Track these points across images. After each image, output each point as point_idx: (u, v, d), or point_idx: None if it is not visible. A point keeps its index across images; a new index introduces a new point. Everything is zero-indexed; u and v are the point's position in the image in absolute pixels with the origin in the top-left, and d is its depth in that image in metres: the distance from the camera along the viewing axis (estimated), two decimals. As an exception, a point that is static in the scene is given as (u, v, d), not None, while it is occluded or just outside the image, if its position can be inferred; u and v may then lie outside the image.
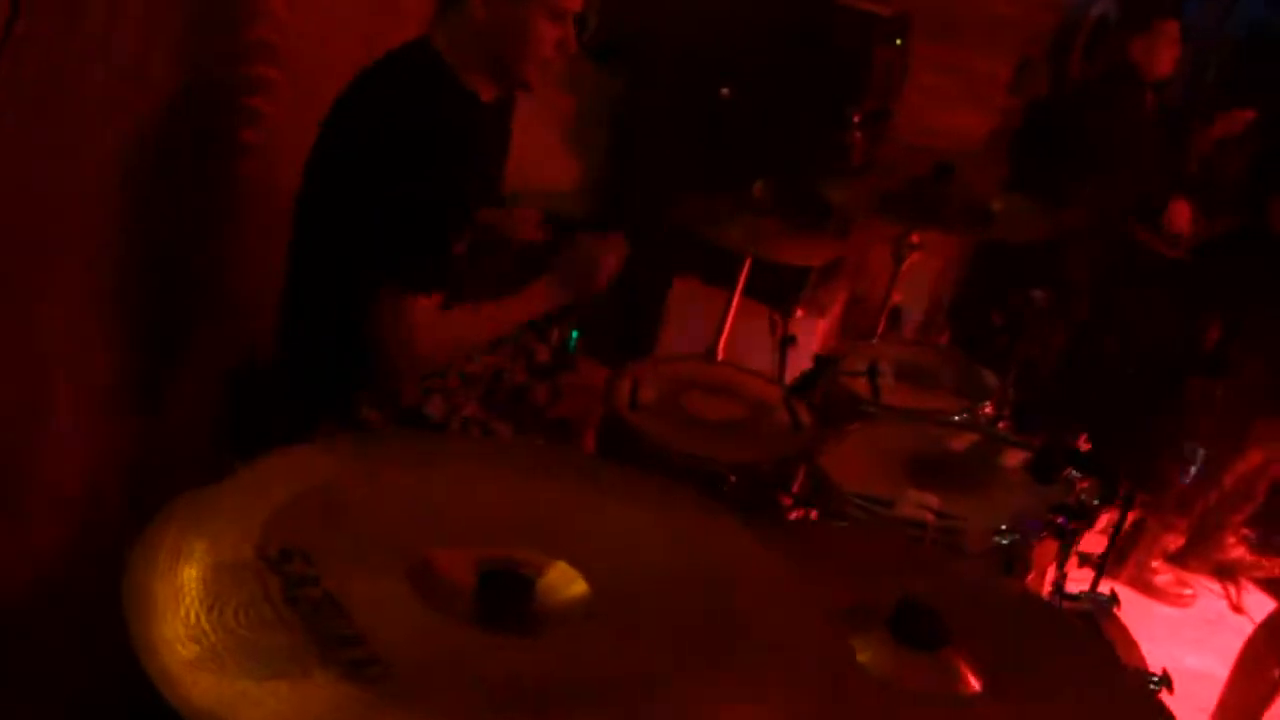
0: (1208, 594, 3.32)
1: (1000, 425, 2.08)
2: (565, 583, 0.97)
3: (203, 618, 0.83)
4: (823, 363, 2.30)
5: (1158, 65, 3.60)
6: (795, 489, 2.07)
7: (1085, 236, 3.40)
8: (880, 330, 2.58)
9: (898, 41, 3.60)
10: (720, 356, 2.67)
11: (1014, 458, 1.85)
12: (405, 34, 1.99)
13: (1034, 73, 3.84)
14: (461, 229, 1.88)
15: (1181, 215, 3.67)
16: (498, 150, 2.44)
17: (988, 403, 2.09)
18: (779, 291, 2.96)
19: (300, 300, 1.96)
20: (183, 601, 0.84)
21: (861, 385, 2.15)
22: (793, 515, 2.17)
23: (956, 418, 2.03)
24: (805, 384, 2.31)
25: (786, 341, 2.64)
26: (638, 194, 3.63)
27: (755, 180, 2.61)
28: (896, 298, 2.58)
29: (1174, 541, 3.32)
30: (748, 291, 2.70)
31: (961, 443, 1.90)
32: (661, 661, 0.91)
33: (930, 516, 1.64)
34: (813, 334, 3.19)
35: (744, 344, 2.75)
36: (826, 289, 3.54)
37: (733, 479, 1.87)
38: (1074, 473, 1.74)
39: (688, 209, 2.61)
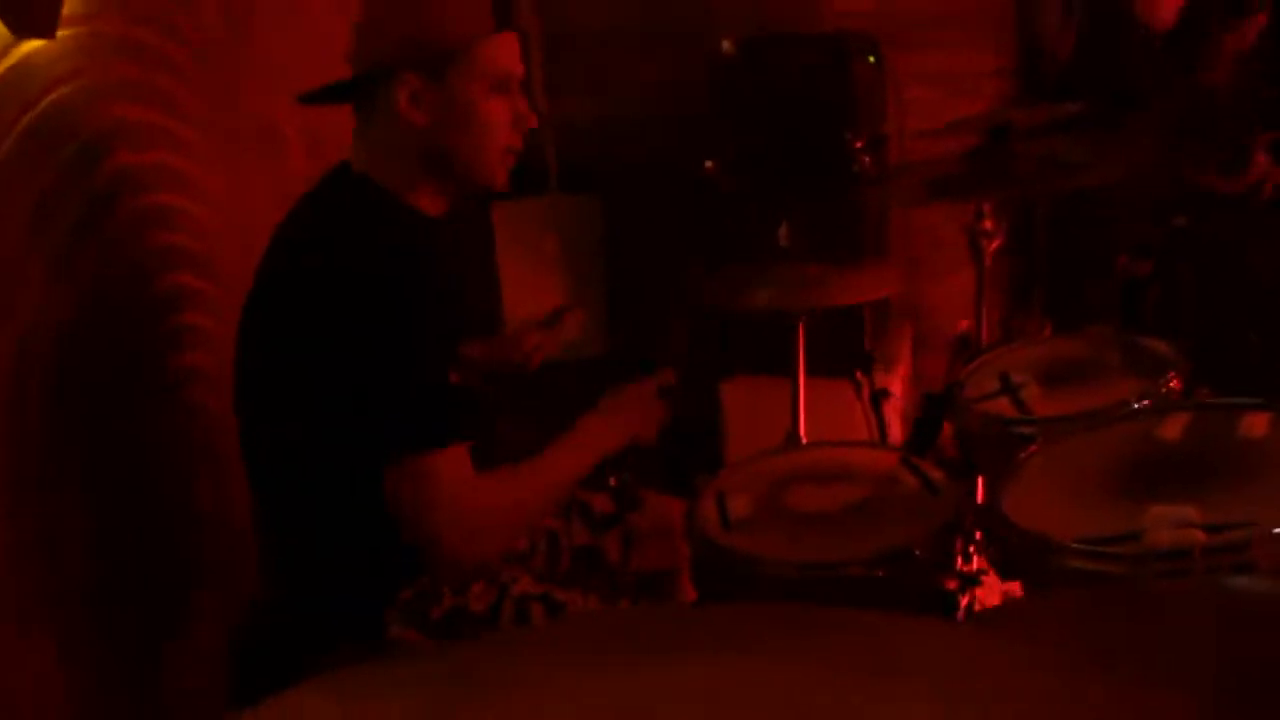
0: None
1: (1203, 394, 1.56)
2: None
3: None
4: (936, 401, 1.82)
5: (1161, 14, 3.31)
6: (966, 563, 1.59)
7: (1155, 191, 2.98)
8: (984, 340, 2.08)
9: (871, 59, 3.27)
10: (804, 439, 2.19)
11: (1257, 425, 1.34)
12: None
13: None
14: (450, 362, 1.47)
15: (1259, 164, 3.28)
16: (473, 266, 2.08)
17: (1170, 375, 1.58)
18: (842, 352, 2.54)
19: (286, 519, 1.52)
20: None
21: (1002, 406, 1.65)
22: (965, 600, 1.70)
23: (1141, 404, 1.52)
24: (924, 434, 1.83)
25: (879, 397, 2.16)
26: (648, 309, 3.33)
27: (776, 228, 2.21)
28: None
29: None
30: (808, 372, 2.26)
31: (1174, 430, 1.39)
32: None
33: (1199, 534, 1.13)
34: (896, 385, 2.71)
35: (826, 423, 2.27)
36: (886, 334, 3.08)
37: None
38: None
39: (715, 285, 2.21)
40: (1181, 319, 2.34)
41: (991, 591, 1.65)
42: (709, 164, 3.05)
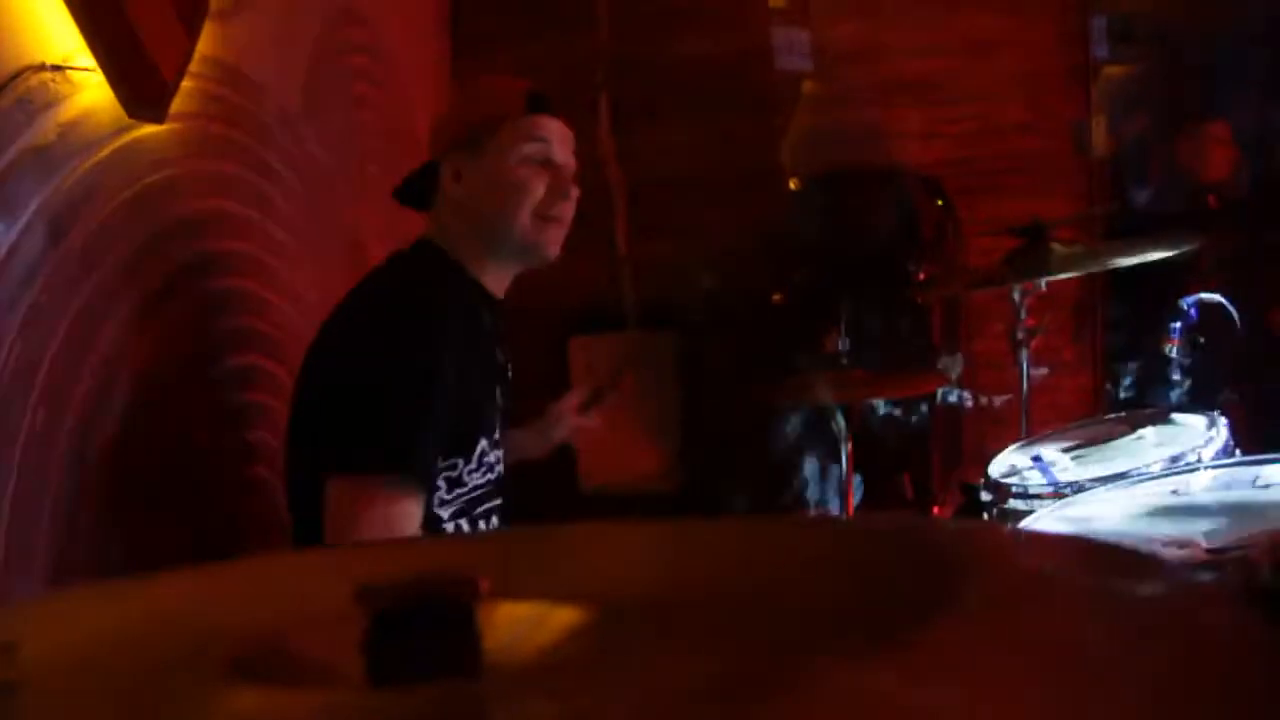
0: None
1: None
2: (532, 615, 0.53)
3: None
4: (971, 487, 1.82)
5: (1211, 169, 3.40)
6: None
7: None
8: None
9: (939, 202, 3.39)
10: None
11: (1276, 474, 1.32)
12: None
13: (1088, 133, 3.59)
14: (478, 430, 1.56)
15: None
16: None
17: (1202, 443, 1.57)
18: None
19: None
20: None
21: (1031, 479, 1.65)
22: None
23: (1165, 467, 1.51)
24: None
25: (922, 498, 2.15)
26: (719, 443, 3.37)
27: (825, 335, 2.28)
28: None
29: None
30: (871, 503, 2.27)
31: (1195, 485, 1.38)
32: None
33: (1201, 553, 1.12)
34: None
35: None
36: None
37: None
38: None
39: (766, 389, 2.27)
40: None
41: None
42: (777, 296, 3.16)
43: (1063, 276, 2.07)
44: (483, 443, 1.58)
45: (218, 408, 1.92)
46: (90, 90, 1.58)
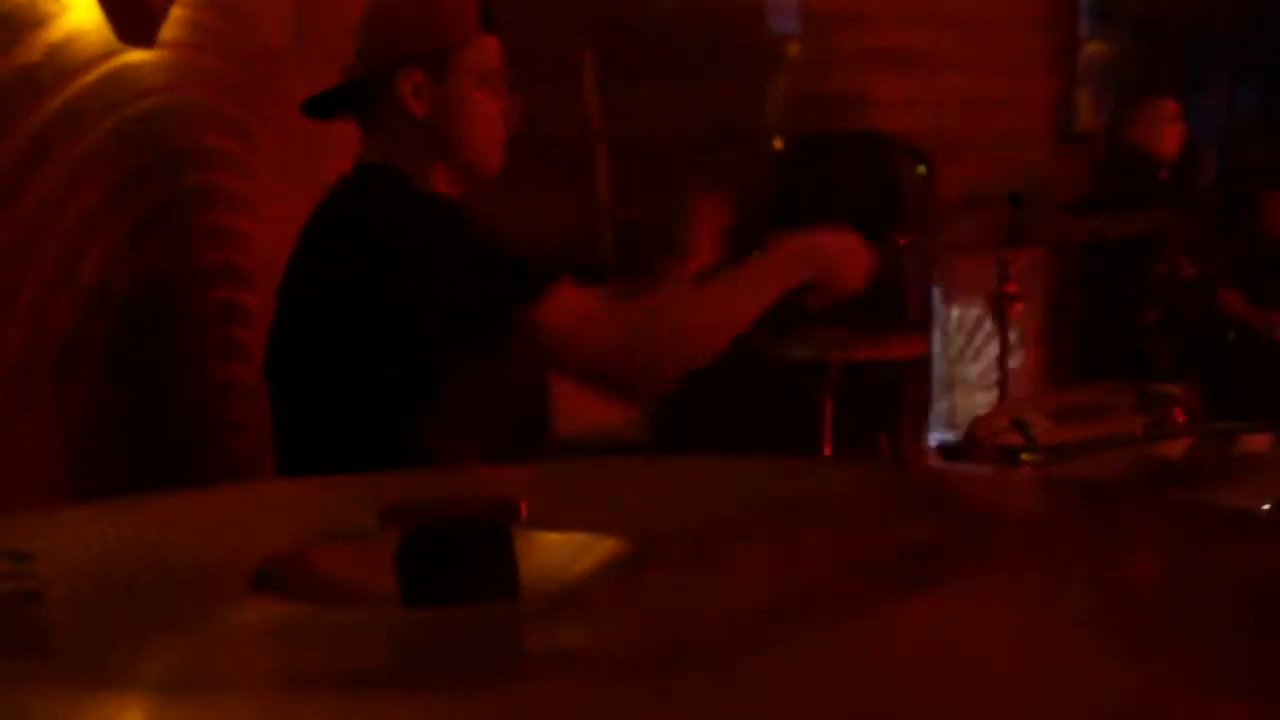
0: None
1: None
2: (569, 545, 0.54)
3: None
4: (951, 449, 1.84)
5: (1164, 144, 3.45)
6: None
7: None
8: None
9: (921, 169, 3.40)
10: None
11: (1255, 443, 1.35)
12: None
13: (1075, 108, 3.62)
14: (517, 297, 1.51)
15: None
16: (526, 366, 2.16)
17: (1177, 410, 1.60)
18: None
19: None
20: None
21: (1010, 440, 1.67)
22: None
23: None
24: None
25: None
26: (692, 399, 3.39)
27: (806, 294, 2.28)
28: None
29: None
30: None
31: (1173, 451, 1.41)
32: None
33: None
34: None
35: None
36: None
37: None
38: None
39: (747, 339, 2.28)
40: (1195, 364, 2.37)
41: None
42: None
43: (1038, 245, 2.08)
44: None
45: (199, 342, 1.90)
46: (78, 10, 1.54)
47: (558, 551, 0.54)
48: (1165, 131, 3.49)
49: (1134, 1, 3.92)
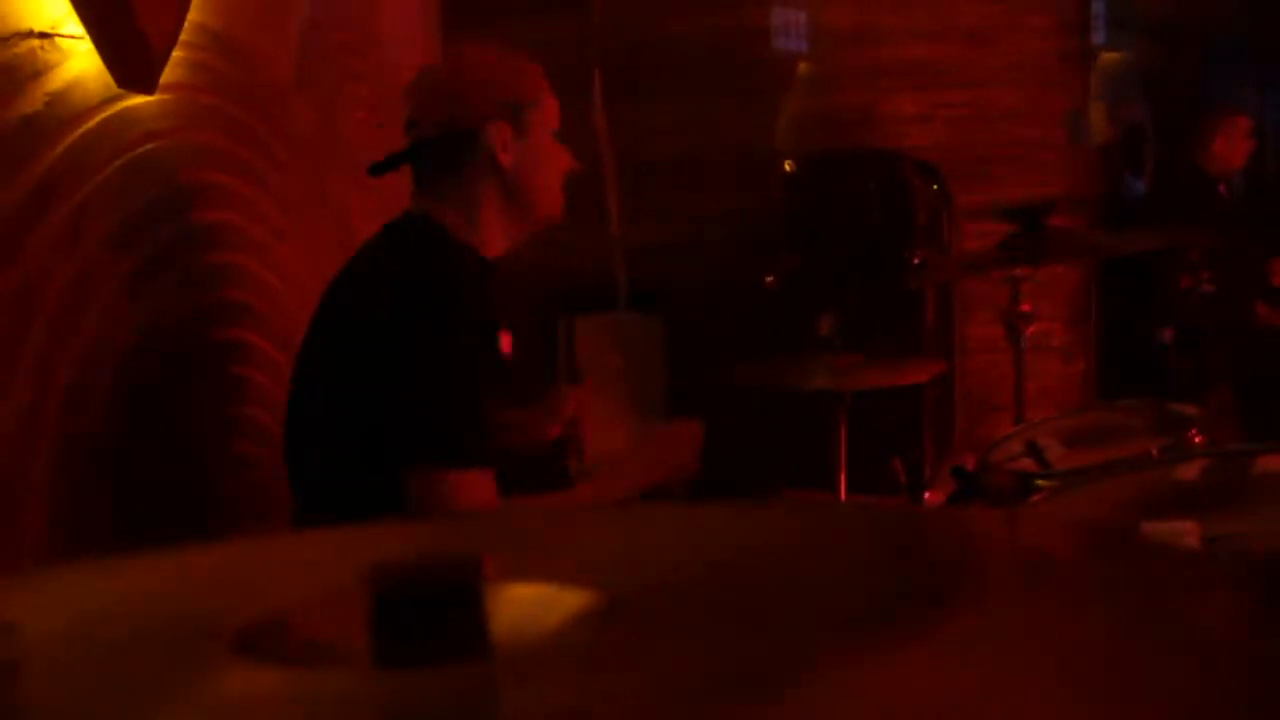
0: None
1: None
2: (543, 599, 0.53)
3: None
4: (964, 473, 1.82)
5: (1232, 159, 3.47)
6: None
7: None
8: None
9: (935, 186, 3.38)
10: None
11: (1271, 463, 1.32)
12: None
13: (1085, 121, 3.59)
14: (498, 395, 1.57)
15: None
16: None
17: (1194, 431, 1.57)
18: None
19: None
20: None
21: (1024, 465, 1.65)
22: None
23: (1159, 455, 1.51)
24: (955, 504, 1.82)
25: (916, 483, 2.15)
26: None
27: (819, 319, 2.27)
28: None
29: None
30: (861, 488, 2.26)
31: (1190, 473, 1.38)
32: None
33: (1193, 541, 1.12)
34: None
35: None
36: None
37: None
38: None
39: (755, 370, 2.26)
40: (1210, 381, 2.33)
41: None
42: (769, 279, 3.15)
43: (1056, 264, 2.06)
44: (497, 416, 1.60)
45: (206, 383, 1.90)
46: (79, 59, 1.55)
47: (530, 606, 0.53)
48: (1239, 147, 3.54)
49: (1150, 8, 3.90)
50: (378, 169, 1.78)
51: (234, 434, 1.96)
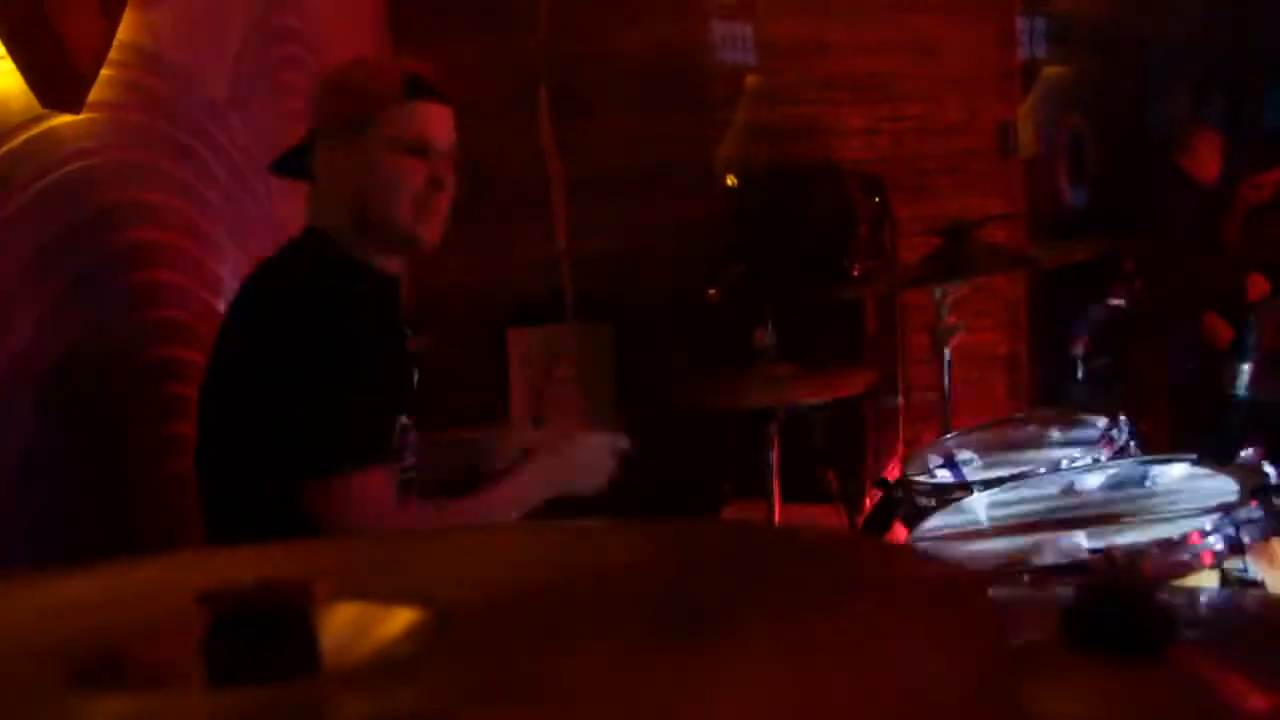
0: None
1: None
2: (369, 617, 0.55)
3: None
4: (887, 484, 1.85)
5: (1212, 167, 3.52)
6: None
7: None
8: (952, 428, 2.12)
9: (876, 199, 3.43)
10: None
11: (1165, 474, 1.36)
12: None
13: (1014, 133, 3.65)
14: (398, 405, 1.56)
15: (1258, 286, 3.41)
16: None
17: (1103, 442, 1.61)
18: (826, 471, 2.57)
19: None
20: None
21: (941, 473, 1.68)
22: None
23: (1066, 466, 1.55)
24: (879, 517, 1.85)
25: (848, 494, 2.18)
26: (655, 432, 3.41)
27: (754, 330, 2.30)
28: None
29: None
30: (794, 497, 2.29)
31: (1092, 483, 1.42)
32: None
33: (1083, 554, 1.15)
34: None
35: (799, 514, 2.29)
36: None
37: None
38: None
39: (690, 390, 2.29)
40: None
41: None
42: (712, 291, 3.18)
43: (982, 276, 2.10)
44: (401, 419, 1.59)
45: (138, 401, 1.90)
46: (0, 78, 1.55)
47: (358, 625, 0.55)
48: (1210, 161, 3.58)
49: (1089, 22, 3.97)
50: (275, 166, 1.81)
51: (167, 453, 1.96)
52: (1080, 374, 2.14)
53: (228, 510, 1.59)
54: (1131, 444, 1.56)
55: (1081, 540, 1.17)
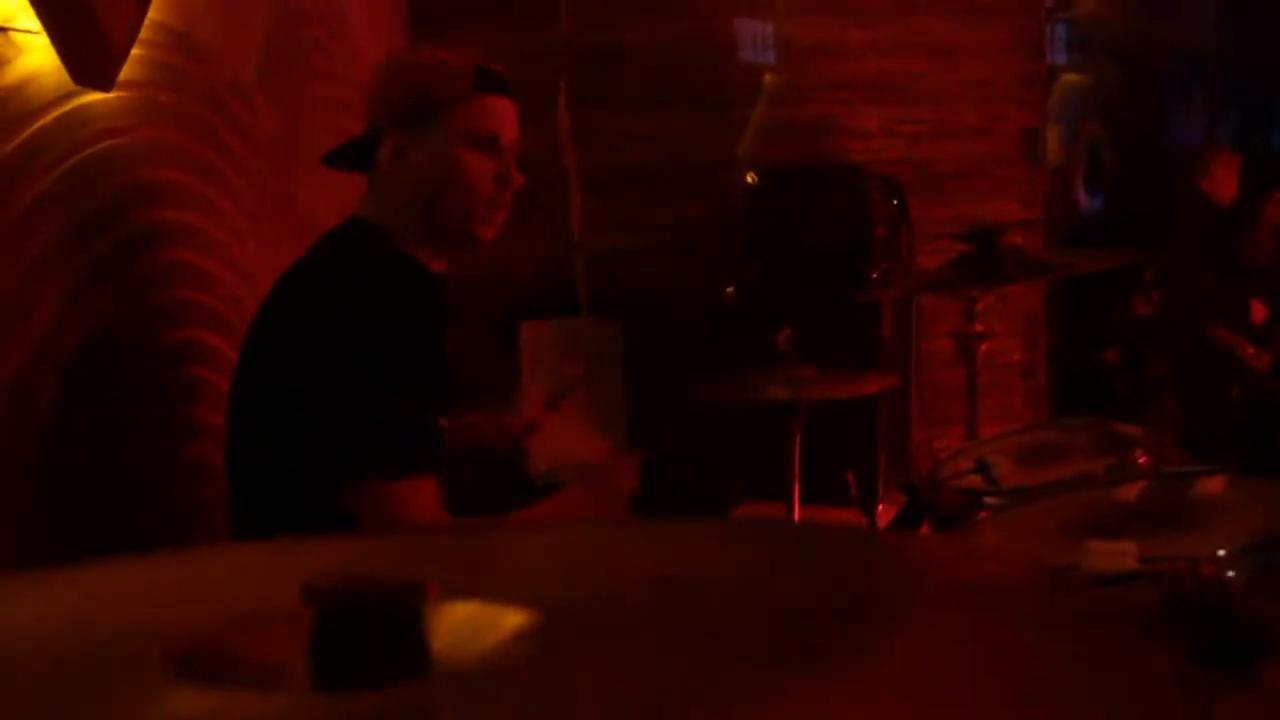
0: None
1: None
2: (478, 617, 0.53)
3: None
4: (912, 489, 1.84)
5: (1226, 192, 3.55)
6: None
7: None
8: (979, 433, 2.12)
9: (894, 202, 3.42)
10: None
11: (1211, 486, 1.35)
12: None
13: (1042, 141, 3.65)
14: (441, 408, 1.55)
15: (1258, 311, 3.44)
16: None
17: (1138, 451, 1.60)
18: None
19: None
20: None
21: (972, 482, 1.67)
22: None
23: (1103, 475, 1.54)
24: (906, 521, 1.84)
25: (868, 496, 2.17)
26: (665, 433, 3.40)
27: (777, 333, 2.28)
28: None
29: None
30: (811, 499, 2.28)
31: (1130, 494, 1.41)
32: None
33: (1133, 561, 1.14)
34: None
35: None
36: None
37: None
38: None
39: (708, 387, 2.28)
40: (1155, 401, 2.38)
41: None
42: (729, 290, 3.17)
43: (1008, 285, 2.09)
44: (442, 421, 1.58)
45: (159, 383, 1.88)
46: (34, 54, 1.53)
47: (468, 626, 0.54)
48: (1227, 183, 3.63)
49: (1109, 31, 3.97)
50: (328, 159, 1.78)
51: (187, 436, 1.94)
52: (1112, 382, 2.14)
53: (260, 503, 1.57)
54: (1166, 454, 1.56)
55: (1128, 549, 1.16)
